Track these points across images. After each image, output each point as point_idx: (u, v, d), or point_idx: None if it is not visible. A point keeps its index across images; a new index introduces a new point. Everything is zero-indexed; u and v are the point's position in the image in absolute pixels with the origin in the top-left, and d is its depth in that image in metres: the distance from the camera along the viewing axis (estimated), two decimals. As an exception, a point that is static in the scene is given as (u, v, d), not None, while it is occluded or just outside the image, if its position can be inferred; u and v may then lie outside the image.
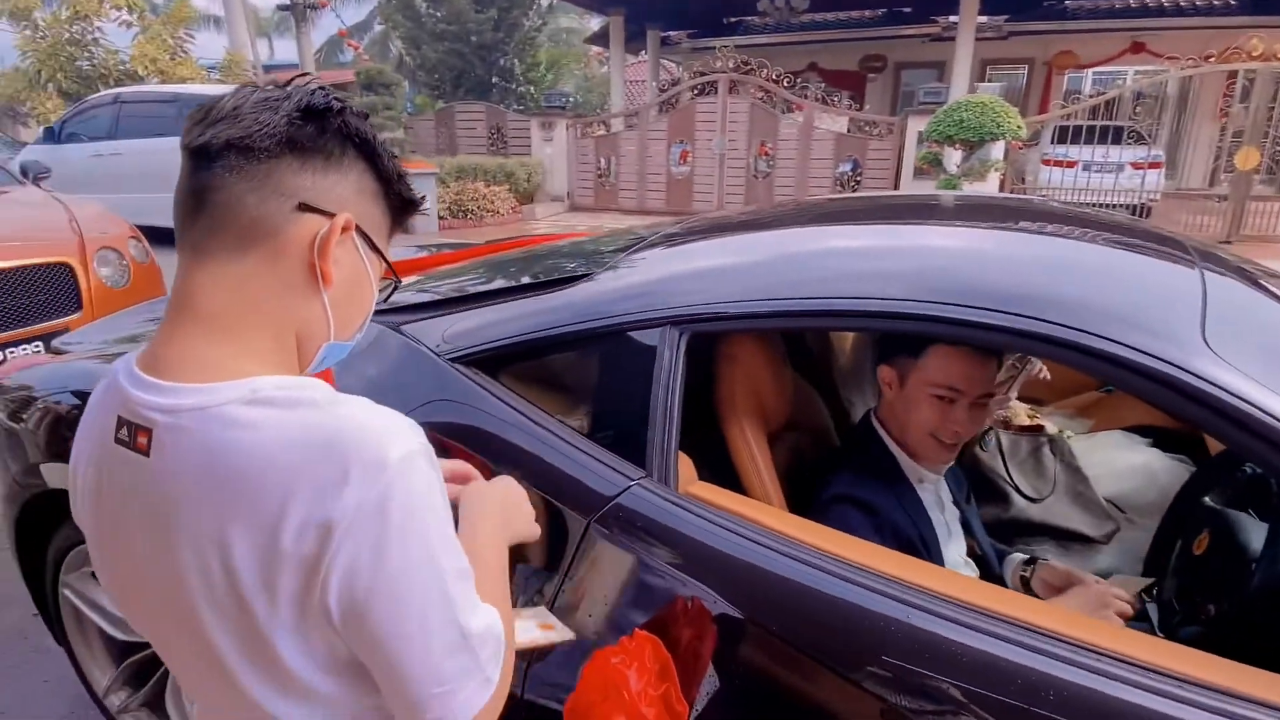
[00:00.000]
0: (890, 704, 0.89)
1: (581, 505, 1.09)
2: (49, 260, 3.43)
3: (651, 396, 1.12)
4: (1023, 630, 0.88)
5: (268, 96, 0.62)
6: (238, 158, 0.60)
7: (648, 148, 11.69)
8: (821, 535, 1.01)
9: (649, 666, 0.95)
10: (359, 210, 0.66)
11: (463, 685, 0.63)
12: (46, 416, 1.55)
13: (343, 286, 0.66)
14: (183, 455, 0.59)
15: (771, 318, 1.10)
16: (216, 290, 0.61)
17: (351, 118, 0.65)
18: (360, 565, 0.57)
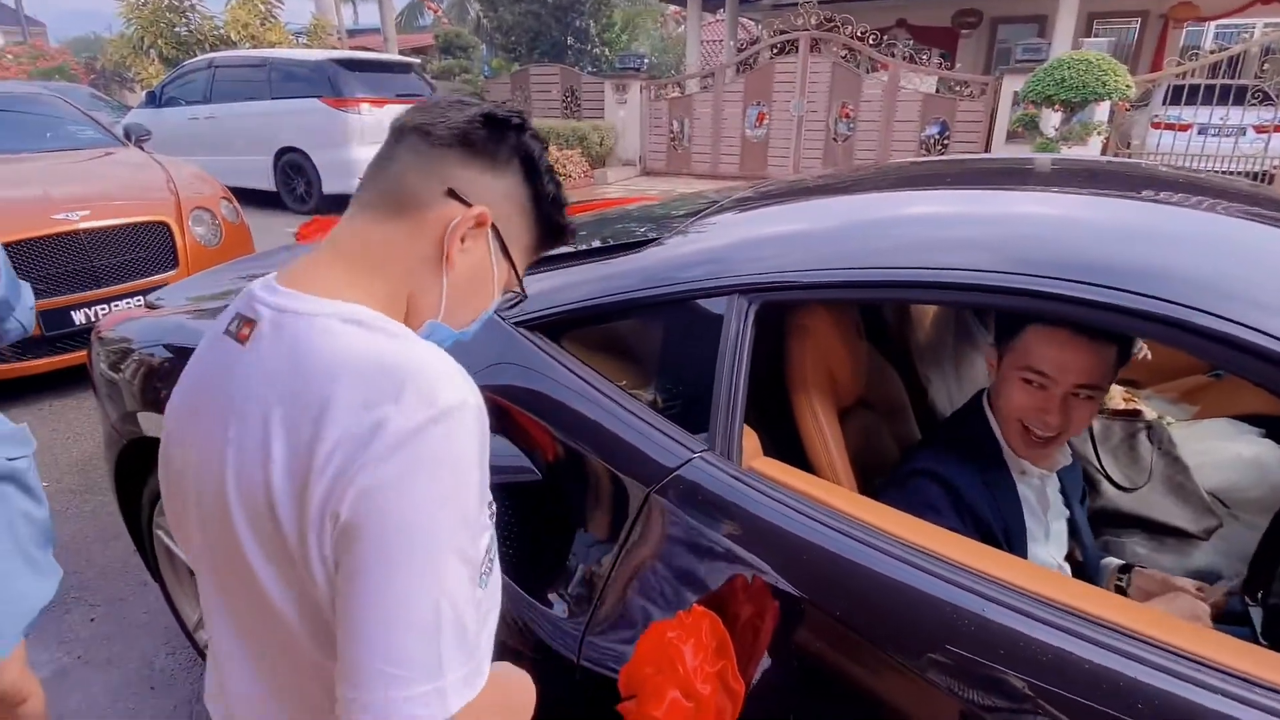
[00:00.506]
0: (956, 697, 0.85)
1: (641, 475, 1.07)
2: (148, 219, 3.63)
3: (717, 367, 1.09)
4: (1108, 630, 0.81)
5: (463, 100, 0.72)
6: (418, 139, 0.69)
7: (723, 110, 11.41)
8: (891, 519, 0.96)
9: (706, 643, 0.94)
10: (502, 214, 0.72)
11: (413, 681, 0.57)
12: (142, 368, 1.64)
13: (463, 274, 0.72)
14: (271, 350, 0.64)
15: (846, 288, 1.04)
16: (363, 238, 0.69)
17: (526, 136, 0.72)
18: (376, 484, 0.56)
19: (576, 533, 1.13)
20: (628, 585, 1.06)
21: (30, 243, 3.24)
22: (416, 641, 0.57)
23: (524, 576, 1.14)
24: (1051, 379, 1.10)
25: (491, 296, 0.76)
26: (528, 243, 0.77)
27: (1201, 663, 0.77)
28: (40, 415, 3.34)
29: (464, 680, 0.60)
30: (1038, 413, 1.12)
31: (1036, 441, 1.15)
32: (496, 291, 0.76)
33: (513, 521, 1.23)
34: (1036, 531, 1.21)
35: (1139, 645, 0.79)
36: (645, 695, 0.90)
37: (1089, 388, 1.10)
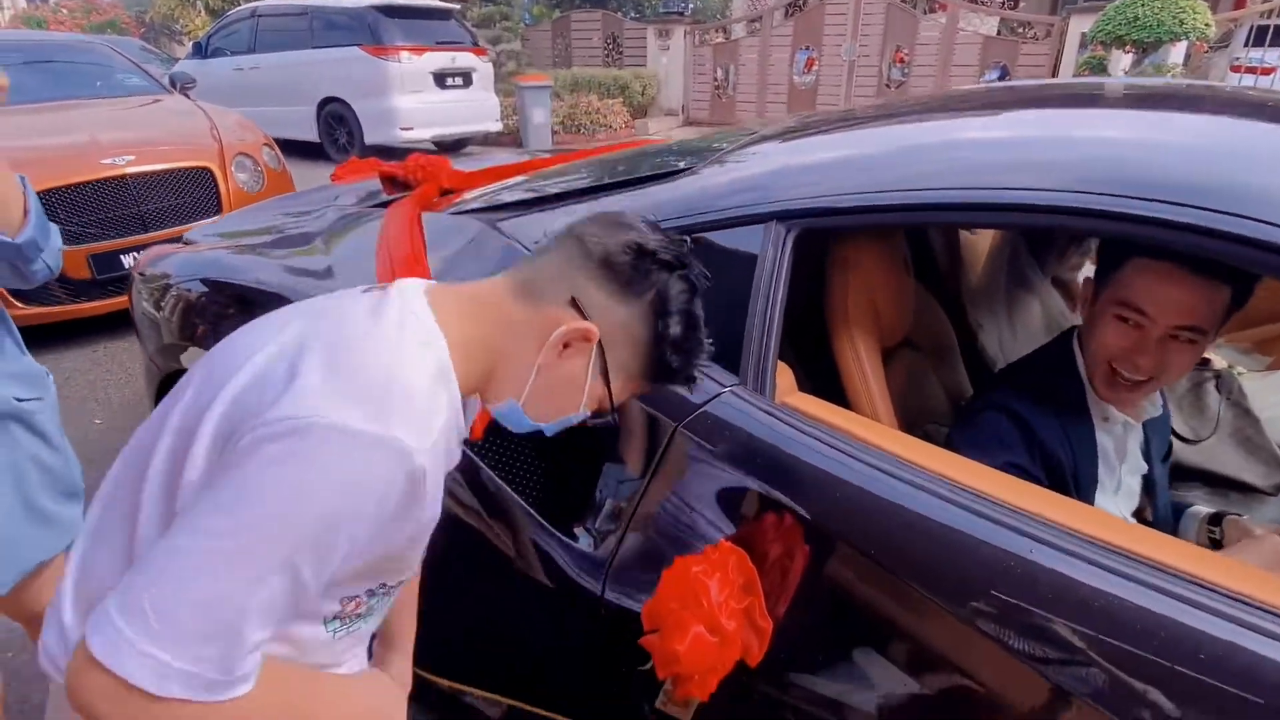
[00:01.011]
0: (996, 641, 0.80)
1: (668, 410, 1.03)
2: (193, 165, 3.67)
3: (751, 298, 1.03)
4: (1173, 578, 0.75)
5: (630, 223, 0.75)
6: (574, 245, 0.73)
7: (770, 55, 11.01)
8: (935, 457, 0.90)
9: (732, 579, 0.90)
10: (613, 340, 0.73)
11: (148, 641, 0.55)
12: (180, 302, 1.65)
13: (555, 377, 0.74)
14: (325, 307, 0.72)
15: (896, 212, 0.97)
16: (491, 295, 0.74)
17: (670, 276, 0.73)
18: (257, 447, 0.58)
19: (601, 468, 1.09)
20: (653, 521, 1.03)
21: (80, 187, 3.31)
22: (186, 612, 0.55)
23: (549, 511, 1.12)
24: (1149, 317, 1.00)
25: (578, 406, 0.77)
26: (634, 373, 0.76)
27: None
28: (94, 358, 3.45)
29: (196, 680, 0.56)
30: (1129, 354, 1.03)
31: (1124, 385, 1.05)
32: (586, 404, 0.77)
33: (537, 459, 1.21)
34: (1107, 482, 1.13)
35: (1207, 594, 0.73)
36: (668, 629, 0.87)
37: (1191, 330, 0.99)
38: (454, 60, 8.14)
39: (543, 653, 1.17)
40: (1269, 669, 0.69)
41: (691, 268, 0.75)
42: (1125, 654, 0.74)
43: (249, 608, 0.57)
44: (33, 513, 1.17)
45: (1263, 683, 0.68)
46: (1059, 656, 0.78)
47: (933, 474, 0.87)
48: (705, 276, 0.76)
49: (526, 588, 1.11)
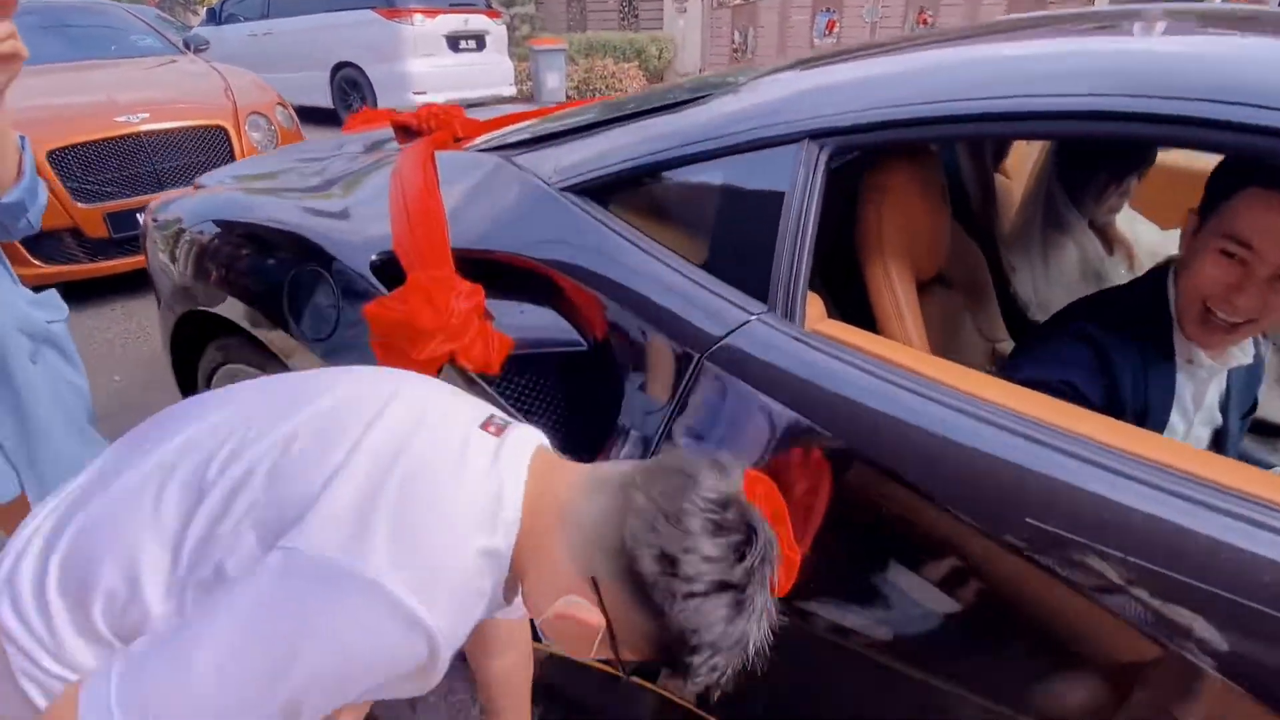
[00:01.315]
0: (1039, 567, 0.76)
1: (693, 339, 0.99)
2: (207, 123, 3.63)
3: (781, 223, 0.98)
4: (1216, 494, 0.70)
5: (686, 507, 0.61)
6: (623, 504, 0.62)
7: (789, 17, 10.74)
8: (978, 382, 0.85)
9: (760, 505, 0.87)
10: (626, 634, 0.63)
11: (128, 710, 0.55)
12: (193, 243, 1.62)
13: (564, 625, 0.65)
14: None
15: (936, 124, 0.90)
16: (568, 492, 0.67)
17: (704, 604, 0.59)
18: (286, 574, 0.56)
19: (623, 401, 1.06)
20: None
21: (95, 145, 3.29)
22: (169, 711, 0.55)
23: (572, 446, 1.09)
24: (1257, 253, 0.91)
25: (586, 654, 0.67)
26: (644, 656, 0.66)
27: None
28: (112, 316, 3.46)
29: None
30: (1229, 292, 0.94)
31: (1218, 326, 0.98)
32: (594, 653, 0.67)
33: (559, 393, 1.18)
34: (1178, 427, 1.06)
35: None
36: (694, 558, 0.84)
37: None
38: (467, 23, 8.00)
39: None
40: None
41: (746, 586, 0.60)
42: (1171, 580, 0.70)
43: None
44: (80, 433, 1.18)
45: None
46: (1100, 583, 0.74)
47: (977, 399, 0.82)
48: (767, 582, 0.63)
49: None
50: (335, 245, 1.29)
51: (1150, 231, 1.81)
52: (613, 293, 1.08)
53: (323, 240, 1.30)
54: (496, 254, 1.20)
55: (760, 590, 0.61)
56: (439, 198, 1.25)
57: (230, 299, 1.46)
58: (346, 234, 1.32)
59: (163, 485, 0.62)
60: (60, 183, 3.19)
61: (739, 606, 0.60)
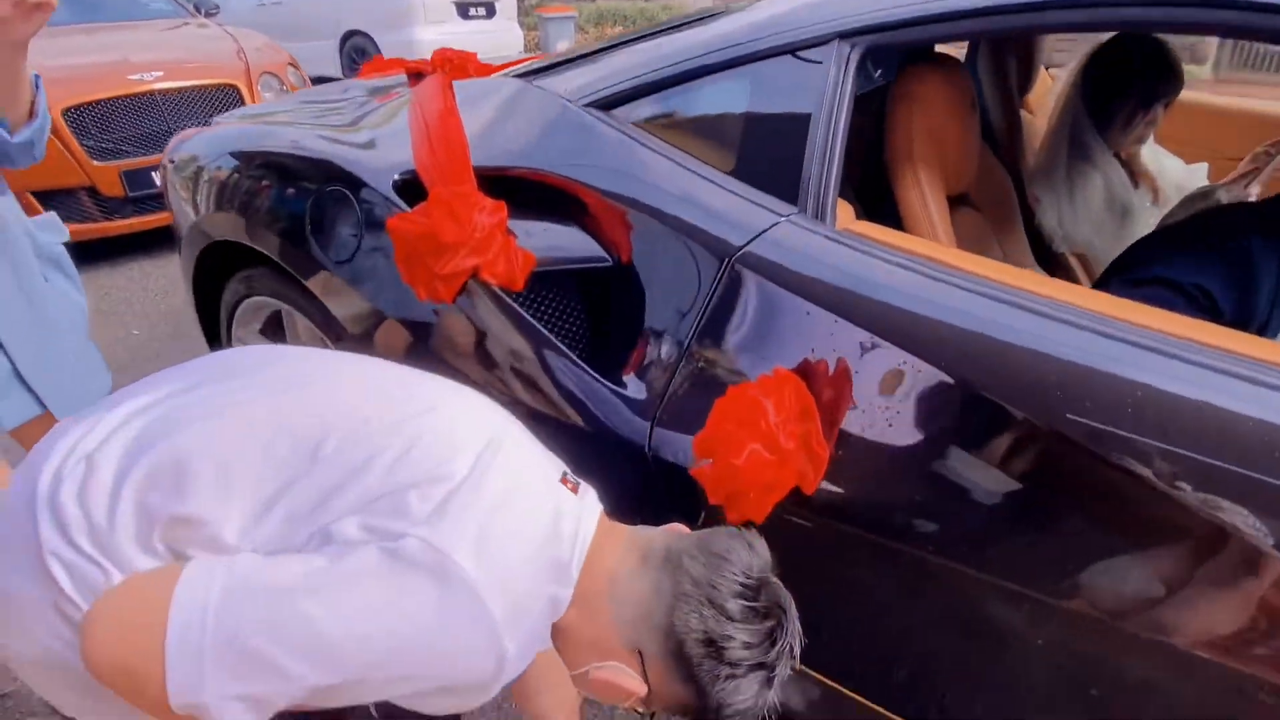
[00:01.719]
0: (1089, 457, 0.76)
1: (721, 243, 0.98)
2: (220, 82, 3.62)
3: (811, 125, 0.97)
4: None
5: (726, 593, 0.67)
6: (670, 585, 0.68)
7: (803, -14, 10.57)
8: (1019, 276, 0.84)
9: (789, 404, 0.87)
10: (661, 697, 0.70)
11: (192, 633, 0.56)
12: (213, 179, 1.62)
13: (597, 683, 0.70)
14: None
15: (973, 18, 0.88)
16: (616, 563, 0.71)
17: (740, 684, 0.66)
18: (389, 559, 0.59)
19: (653, 310, 1.05)
20: (705, 359, 0.99)
21: (109, 102, 3.29)
22: (250, 669, 0.56)
23: (598, 363, 1.09)
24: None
25: (617, 704, 0.74)
26: (674, 713, 0.73)
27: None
28: (129, 275, 3.48)
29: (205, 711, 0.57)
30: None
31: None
32: (624, 707, 0.73)
33: (587, 308, 1.18)
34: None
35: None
36: (724, 449, 0.85)
37: None
38: (477, -10, 7.93)
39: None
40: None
41: (776, 664, 0.67)
42: (1225, 471, 0.69)
43: (303, 687, 0.58)
44: (86, 350, 1.20)
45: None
46: (1134, 471, 0.73)
47: (1020, 290, 0.81)
48: (792, 655, 0.69)
49: (574, 439, 1.08)
50: (357, 167, 1.28)
51: (1175, 166, 1.78)
52: (638, 204, 1.07)
53: (344, 163, 1.30)
54: (519, 171, 1.19)
55: (786, 665, 0.68)
56: (459, 118, 1.24)
57: (252, 227, 1.46)
58: (368, 157, 1.31)
59: (274, 440, 0.64)
60: (76, 140, 3.20)
61: (769, 682, 0.68)
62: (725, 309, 0.97)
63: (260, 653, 0.56)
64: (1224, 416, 0.70)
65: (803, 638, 0.69)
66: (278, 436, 0.64)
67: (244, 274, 1.59)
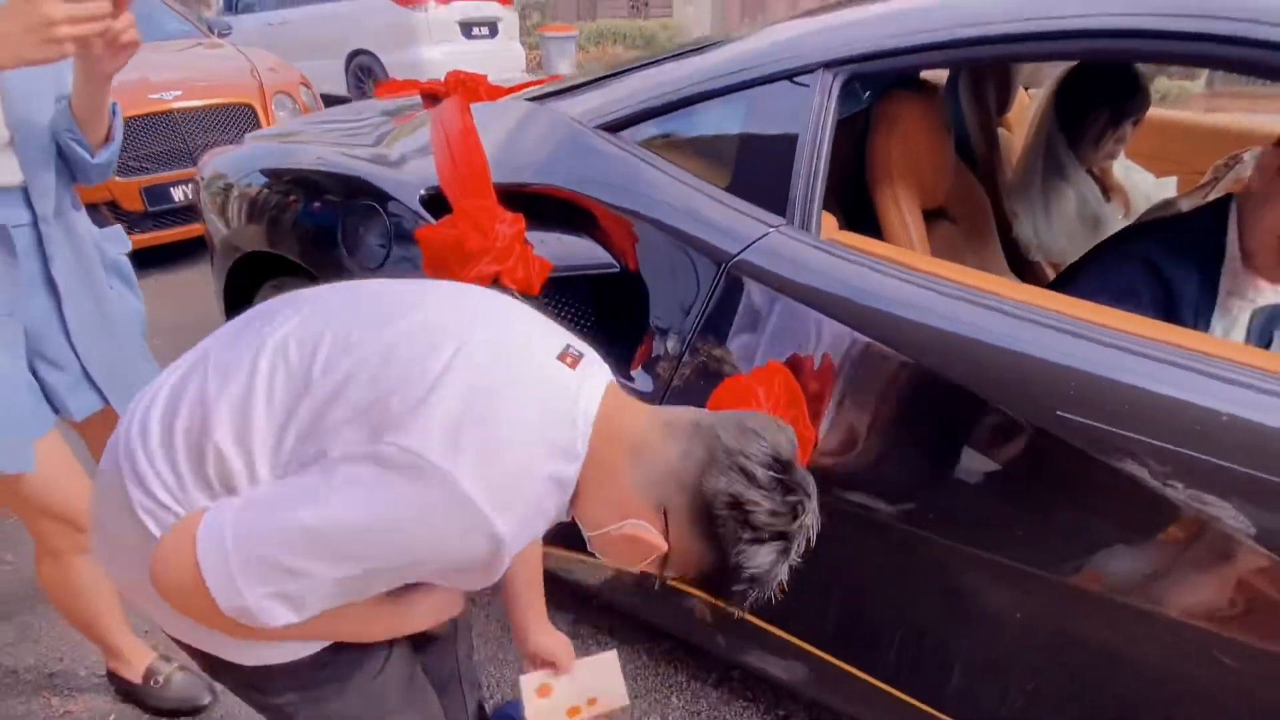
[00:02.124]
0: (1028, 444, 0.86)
1: (717, 251, 1.09)
2: (235, 101, 3.75)
3: (798, 145, 1.08)
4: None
5: (756, 460, 0.68)
6: (701, 450, 0.69)
7: (799, 4, 10.78)
8: (983, 279, 0.95)
9: (778, 393, 0.98)
10: (682, 558, 0.71)
11: (227, 558, 0.64)
12: (244, 193, 1.73)
13: (619, 541, 0.72)
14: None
15: (945, 49, 1.00)
16: (634, 428, 0.73)
17: (760, 549, 0.67)
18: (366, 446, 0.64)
19: (656, 312, 1.16)
20: (704, 354, 1.10)
21: (131, 121, 3.40)
22: (272, 571, 0.64)
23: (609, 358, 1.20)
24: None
25: (633, 567, 0.75)
26: (693, 579, 0.74)
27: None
28: (148, 287, 3.53)
29: (250, 614, 0.65)
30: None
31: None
32: (640, 568, 0.75)
33: (598, 309, 1.29)
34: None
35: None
36: (722, 431, 0.95)
37: None
38: (480, 10, 8.10)
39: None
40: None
41: (795, 536, 0.69)
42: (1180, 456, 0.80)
43: (316, 584, 0.65)
44: (144, 353, 1.32)
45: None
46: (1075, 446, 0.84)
47: (989, 293, 0.92)
48: (809, 540, 0.71)
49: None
50: (385, 183, 1.40)
51: (1146, 179, 1.89)
52: (643, 216, 1.18)
53: (373, 179, 1.41)
54: (535, 187, 1.31)
55: (802, 541, 0.70)
56: (478, 137, 1.35)
57: (282, 238, 1.57)
58: (395, 174, 1.43)
59: (273, 373, 0.71)
60: (98, 157, 3.32)
61: (785, 553, 0.69)
62: (722, 309, 1.08)
63: (274, 559, 0.64)
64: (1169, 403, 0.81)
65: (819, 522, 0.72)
66: (275, 368, 0.70)
67: (274, 282, 1.70)
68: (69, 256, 1.13)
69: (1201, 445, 0.79)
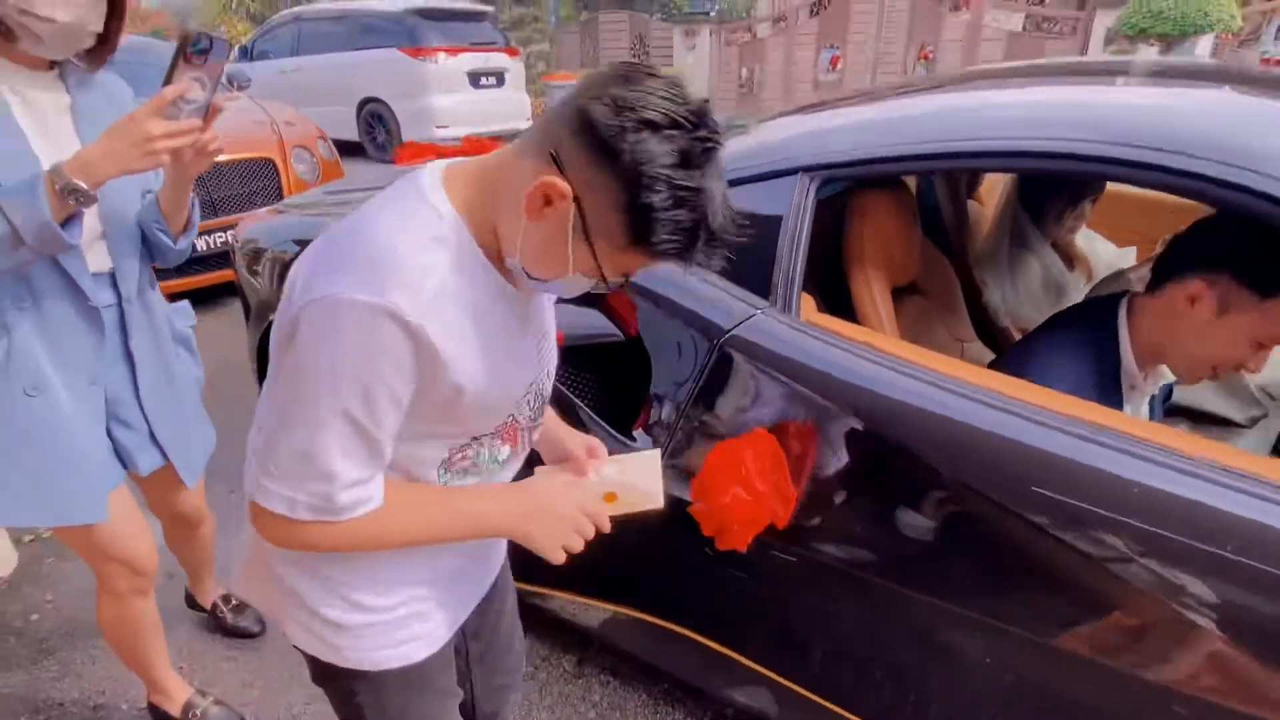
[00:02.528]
0: (1000, 530, 1.00)
1: (711, 329, 1.24)
2: (258, 156, 3.95)
3: (780, 238, 1.24)
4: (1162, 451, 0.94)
5: (635, 76, 0.65)
6: (566, 105, 0.66)
7: (794, 53, 11.16)
8: (940, 361, 1.10)
9: (764, 455, 1.11)
10: (594, 206, 0.66)
11: (270, 476, 0.72)
12: (275, 264, 1.89)
13: (540, 234, 0.69)
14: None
15: (907, 161, 1.17)
16: (497, 160, 0.75)
17: (653, 139, 0.62)
18: (302, 324, 0.69)
19: (656, 379, 1.31)
20: (699, 420, 1.24)
21: (158, 175, 3.60)
22: (286, 458, 0.72)
23: (616, 415, 1.34)
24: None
25: (566, 270, 0.70)
26: (621, 243, 0.67)
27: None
28: (170, 332, 3.74)
29: (314, 507, 0.72)
30: (1237, 363, 1.10)
31: (1210, 377, 1.14)
32: (572, 268, 0.70)
33: (603, 376, 1.43)
34: None
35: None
36: (713, 491, 1.09)
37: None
38: (488, 61, 8.41)
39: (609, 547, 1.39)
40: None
41: (696, 128, 0.62)
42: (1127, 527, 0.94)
43: (327, 448, 0.70)
44: (204, 418, 1.47)
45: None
46: (1012, 510, 0.98)
47: (942, 374, 1.07)
48: (715, 138, 0.64)
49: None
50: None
51: (1108, 249, 2.06)
52: (646, 293, 1.33)
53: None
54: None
55: (710, 156, 0.64)
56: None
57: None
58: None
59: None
60: (127, 210, 3.50)
61: (686, 155, 0.62)
62: (714, 380, 1.23)
63: (285, 454, 0.71)
64: (1088, 471, 0.95)
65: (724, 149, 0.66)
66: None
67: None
68: (146, 331, 1.28)
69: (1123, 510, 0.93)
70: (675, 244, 0.65)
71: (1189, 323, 1.09)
